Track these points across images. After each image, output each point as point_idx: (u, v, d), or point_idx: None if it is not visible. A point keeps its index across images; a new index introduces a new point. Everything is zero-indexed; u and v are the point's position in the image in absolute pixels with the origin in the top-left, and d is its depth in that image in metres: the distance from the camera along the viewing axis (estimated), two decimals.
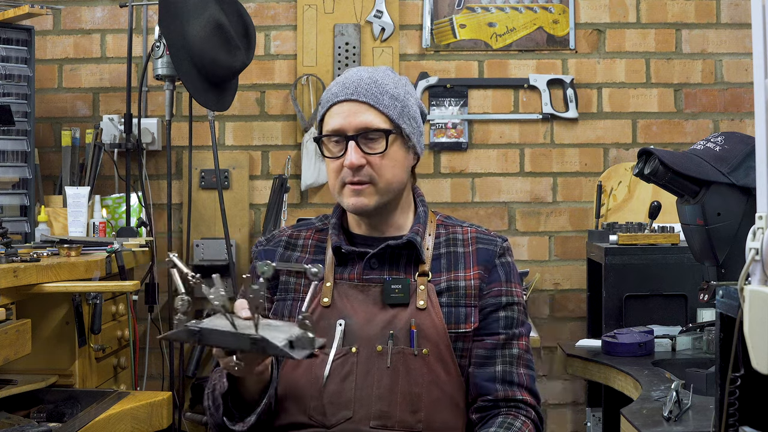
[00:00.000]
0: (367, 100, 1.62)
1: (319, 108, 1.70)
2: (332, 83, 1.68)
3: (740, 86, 3.41)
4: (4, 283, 2.11)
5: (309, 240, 1.74)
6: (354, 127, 1.61)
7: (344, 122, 1.62)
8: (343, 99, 1.62)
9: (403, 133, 1.65)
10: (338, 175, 1.64)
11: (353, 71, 1.68)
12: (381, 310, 1.63)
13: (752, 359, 1.11)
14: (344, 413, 1.57)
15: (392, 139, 1.63)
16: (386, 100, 1.63)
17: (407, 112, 1.65)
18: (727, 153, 2.08)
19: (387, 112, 1.62)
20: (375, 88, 1.63)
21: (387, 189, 1.64)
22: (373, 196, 1.63)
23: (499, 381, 1.64)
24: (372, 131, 1.62)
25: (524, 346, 1.68)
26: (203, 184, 3.39)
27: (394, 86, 1.66)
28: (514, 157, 3.44)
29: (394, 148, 1.64)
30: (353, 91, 1.62)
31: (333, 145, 1.64)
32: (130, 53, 3.24)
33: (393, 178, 1.65)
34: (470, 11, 3.43)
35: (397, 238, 1.67)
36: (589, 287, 3.10)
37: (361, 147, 1.61)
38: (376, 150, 1.62)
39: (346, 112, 1.62)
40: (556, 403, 3.46)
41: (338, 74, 3.37)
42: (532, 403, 1.65)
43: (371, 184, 1.63)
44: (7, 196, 2.93)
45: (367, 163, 1.61)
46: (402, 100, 1.65)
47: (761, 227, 1.15)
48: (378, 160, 1.62)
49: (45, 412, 2.22)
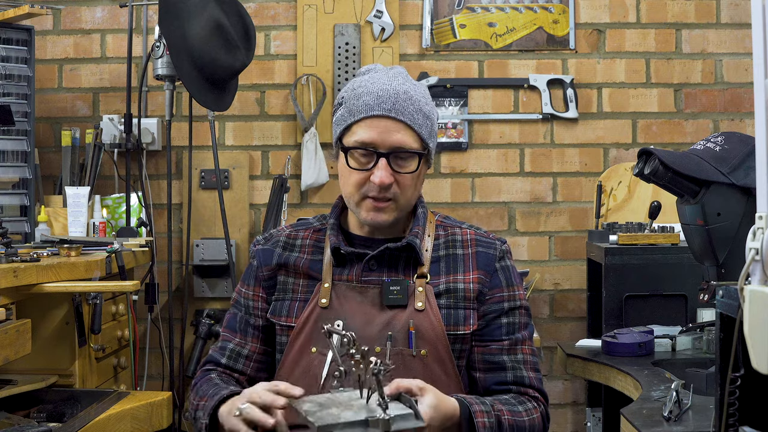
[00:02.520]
0: (405, 119, 1.59)
1: (339, 111, 1.64)
2: (362, 89, 1.62)
3: (740, 86, 3.41)
4: (4, 283, 2.11)
5: (307, 240, 1.74)
6: (388, 144, 1.59)
7: (378, 138, 1.59)
8: (378, 114, 1.59)
9: (429, 152, 1.65)
10: (360, 188, 1.62)
11: (383, 81, 1.62)
12: (379, 311, 1.63)
13: (752, 359, 1.11)
14: None
15: (422, 161, 1.63)
16: (420, 120, 1.61)
17: (434, 130, 1.66)
18: (727, 153, 2.08)
19: (420, 132, 1.61)
20: (411, 105, 1.60)
21: (406, 206, 1.66)
22: (392, 213, 1.63)
23: (511, 383, 1.66)
24: (405, 152, 1.60)
25: (528, 350, 1.69)
26: (203, 184, 3.39)
27: (426, 102, 1.64)
28: (514, 157, 3.44)
29: (422, 167, 1.64)
30: (391, 107, 1.59)
31: (360, 157, 1.62)
32: (130, 53, 3.24)
33: (413, 196, 1.66)
34: (470, 11, 3.43)
35: (397, 240, 1.67)
36: (589, 287, 3.10)
37: (391, 165, 1.60)
38: (406, 170, 1.61)
39: (382, 128, 1.59)
40: (556, 403, 3.46)
41: (338, 74, 3.37)
42: (542, 400, 1.67)
43: (393, 201, 1.62)
44: (7, 196, 2.93)
45: (394, 182, 1.61)
46: (431, 118, 1.65)
47: (761, 227, 1.15)
48: (406, 180, 1.61)
49: (45, 412, 2.22)
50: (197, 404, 1.61)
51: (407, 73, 1.70)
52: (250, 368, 1.71)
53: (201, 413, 1.57)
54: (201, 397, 1.61)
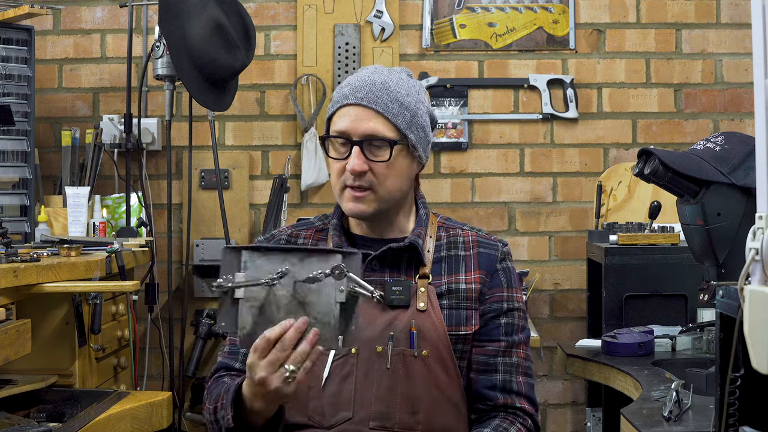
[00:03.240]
0: (376, 107, 1.60)
1: (329, 107, 1.68)
2: (345, 81, 1.66)
3: (740, 86, 3.41)
4: (4, 283, 2.11)
5: (309, 240, 1.74)
6: (360, 132, 1.60)
7: (350, 126, 1.60)
8: (352, 102, 1.61)
9: (409, 143, 1.63)
10: (340, 177, 1.63)
11: (368, 72, 1.65)
12: (382, 311, 1.63)
13: (752, 359, 1.11)
14: (344, 414, 1.57)
15: (397, 150, 1.61)
16: (395, 109, 1.61)
17: (416, 122, 1.64)
18: (727, 153, 2.08)
19: (395, 121, 1.61)
20: (386, 95, 1.61)
21: (387, 197, 1.64)
22: (372, 203, 1.62)
23: (499, 389, 1.65)
24: (377, 139, 1.60)
25: (523, 354, 1.68)
26: (203, 184, 3.39)
27: (407, 94, 1.64)
28: (514, 157, 3.44)
29: (399, 157, 1.62)
30: (363, 96, 1.60)
31: (338, 147, 1.63)
32: (130, 53, 3.24)
33: (394, 187, 1.63)
34: (470, 11, 3.43)
35: (399, 240, 1.67)
36: (589, 287, 3.10)
37: (365, 153, 1.60)
38: (379, 158, 1.60)
39: (354, 116, 1.60)
40: (556, 403, 3.46)
41: (338, 74, 3.37)
42: (530, 411, 1.65)
43: (371, 191, 1.61)
44: (7, 196, 2.93)
45: (369, 170, 1.60)
46: (412, 110, 1.63)
47: (761, 227, 1.15)
48: (381, 168, 1.61)
49: (45, 412, 2.22)
50: (215, 406, 1.56)
51: (403, 71, 1.70)
52: None
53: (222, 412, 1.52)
54: (217, 398, 1.57)
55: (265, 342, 1.37)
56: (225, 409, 1.49)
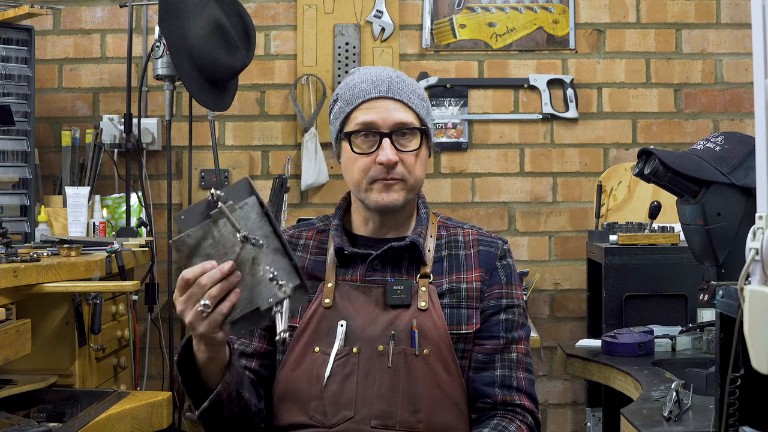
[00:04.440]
0: (402, 98, 1.63)
1: (337, 105, 1.68)
2: (355, 79, 1.67)
3: (740, 86, 3.41)
4: (4, 283, 2.11)
5: (310, 240, 1.74)
6: (390, 123, 1.62)
7: (378, 118, 1.62)
8: (376, 96, 1.63)
9: (429, 132, 1.68)
10: (366, 173, 1.63)
11: (376, 69, 1.68)
12: (383, 311, 1.63)
13: (752, 359, 1.11)
14: (345, 413, 1.57)
15: (424, 138, 1.66)
16: (416, 100, 1.65)
17: (430, 113, 1.70)
18: (727, 153, 2.08)
19: (418, 111, 1.65)
20: (406, 87, 1.65)
21: (415, 186, 1.67)
22: (402, 193, 1.64)
23: (498, 385, 1.64)
24: (408, 129, 1.63)
25: (523, 350, 1.69)
26: (203, 184, 3.39)
27: (418, 86, 1.69)
28: (514, 157, 3.44)
29: (422, 147, 1.66)
30: (387, 89, 1.63)
31: (362, 142, 1.64)
32: (130, 53, 3.24)
33: (421, 176, 1.67)
34: (470, 11, 3.43)
35: (400, 239, 1.67)
36: (589, 287, 3.10)
37: (395, 144, 1.62)
38: (409, 148, 1.64)
39: (381, 108, 1.62)
40: (556, 403, 3.46)
41: (338, 74, 3.37)
42: (530, 407, 1.65)
43: (402, 182, 1.64)
44: (7, 196, 2.93)
45: (399, 161, 1.62)
46: (426, 101, 1.69)
47: (761, 227, 1.15)
48: (410, 158, 1.63)
49: (45, 412, 2.22)
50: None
51: None
52: (254, 364, 1.70)
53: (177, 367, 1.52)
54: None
55: (183, 282, 1.36)
56: (179, 356, 1.50)
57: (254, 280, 1.37)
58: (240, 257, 1.36)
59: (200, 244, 1.37)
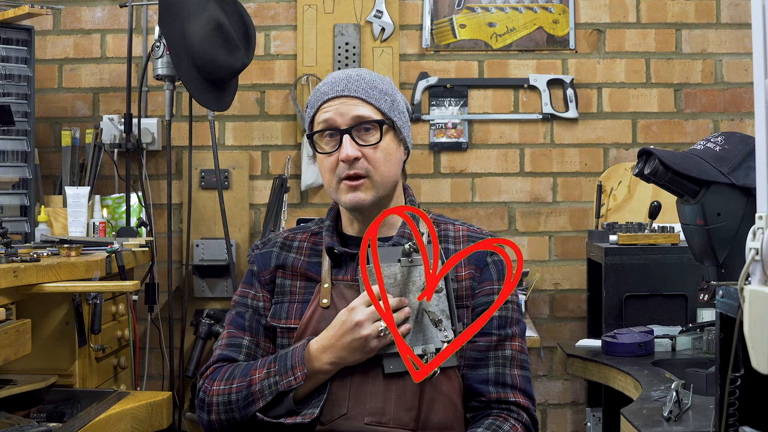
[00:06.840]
0: (358, 94, 1.64)
1: (307, 111, 1.72)
2: (317, 86, 1.70)
3: (740, 86, 3.41)
4: (4, 283, 2.11)
5: (304, 243, 1.74)
6: (347, 120, 1.63)
7: (336, 116, 1.64)
8: (333, 96, 1.65)
9: (395, 125, 1.67)
10: (334, 172, 1.65)
11: (338, 73, 1.70)
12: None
13: (752, 359, 1.11)
14: (339, 410, 1.58)
15: (385, 130, 1.65)
16: (376, 94, 1.65)
17: (396, 107, 1.68)
18: (727, 153, 2.08)
19: (378, 105, 1.65)
20: (364, 83, 1.66)
21: (382, 183, 1.65)
22: (369, 191, 1.64)
23: (491, 383, 1.63)
24: (366, 123, 1.64)
25: (518, 346, 1.67)
26: (203, 184, 3.39)
27: (381, 82, 1.69)
28: (514, 157, 3.44)
29: (387, 140, 1.66)
30: (343, 88, 1.64)
31: (326, 142, 1.66)
32: (130, 53, 3.24)
33: (387, 171, 1.66)
34: (470, 11, 3.43)
35: (388, 239, 1.68)
36: (589, 287, 3.10)
37: (355, 140, 1.63)
38: (370, 141, 1.64)
39: (338, 107, 1.64)
40: (556, 403, 3.46)
41: None
42: (525, 404, 1.64)
43: (367, 178, 1.63)
44: (7, 196, 2.93)
45: (362, 156, 1.63)
46: (391, 95, 1.68)
47: (761, 227, 1.15)
48: (373, 152, 1.63)
49: (45, 412, 2.22)
50: (248, 381, 1.59)
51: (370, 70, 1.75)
52: None
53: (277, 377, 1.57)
54: (245, 375, 1.60)
55: (374, 299, 1.55)
56: (291, 369, 1.56)
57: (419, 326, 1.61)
58: (410, 303, 1.61)
59: (395, 279, 1.61)
